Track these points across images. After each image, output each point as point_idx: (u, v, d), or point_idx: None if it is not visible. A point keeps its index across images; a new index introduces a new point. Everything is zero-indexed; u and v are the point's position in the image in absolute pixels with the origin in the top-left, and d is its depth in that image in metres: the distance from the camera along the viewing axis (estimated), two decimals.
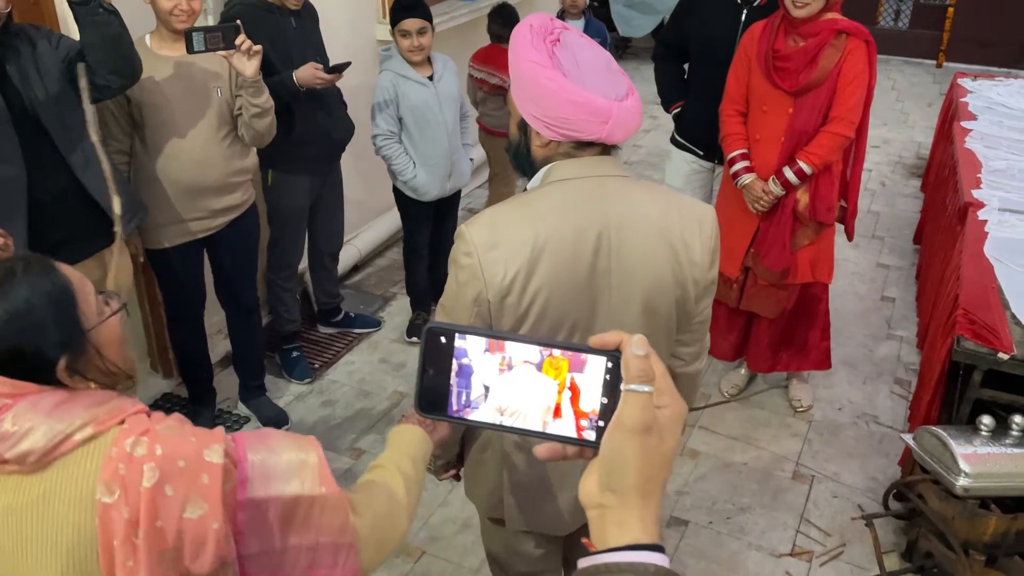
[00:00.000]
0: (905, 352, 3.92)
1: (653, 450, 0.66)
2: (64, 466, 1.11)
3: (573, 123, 1.44)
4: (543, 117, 1.46)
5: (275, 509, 1.18)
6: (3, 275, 1.14)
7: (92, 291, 1.23)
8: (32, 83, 2.32)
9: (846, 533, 2.89)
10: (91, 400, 1.15)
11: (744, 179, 3.12)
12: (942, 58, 8.67)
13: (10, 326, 1.12)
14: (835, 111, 2.99)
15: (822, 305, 3.39)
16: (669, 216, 1.53)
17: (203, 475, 1.11)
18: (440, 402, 0.72)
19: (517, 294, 1.47)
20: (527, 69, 1.45)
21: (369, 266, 4.65)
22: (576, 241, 1.47)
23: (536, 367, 0.70)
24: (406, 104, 3.45)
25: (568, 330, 1.53)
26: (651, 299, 1.53)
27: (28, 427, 1.09)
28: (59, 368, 1.14)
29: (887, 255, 4.83)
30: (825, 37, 2.92)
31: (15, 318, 1.12)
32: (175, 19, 2.67)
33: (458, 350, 0.71)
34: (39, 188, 2.35)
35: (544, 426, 0.70)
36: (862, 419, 3.47)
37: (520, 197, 1.54)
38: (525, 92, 1.48)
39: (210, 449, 1.14)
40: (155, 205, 2.82)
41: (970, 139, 4.26)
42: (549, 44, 1.46)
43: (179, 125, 2.78)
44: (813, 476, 3.15)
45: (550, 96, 1.43)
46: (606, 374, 0.69)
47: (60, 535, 1.09)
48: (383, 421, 3.44)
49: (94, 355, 1.18)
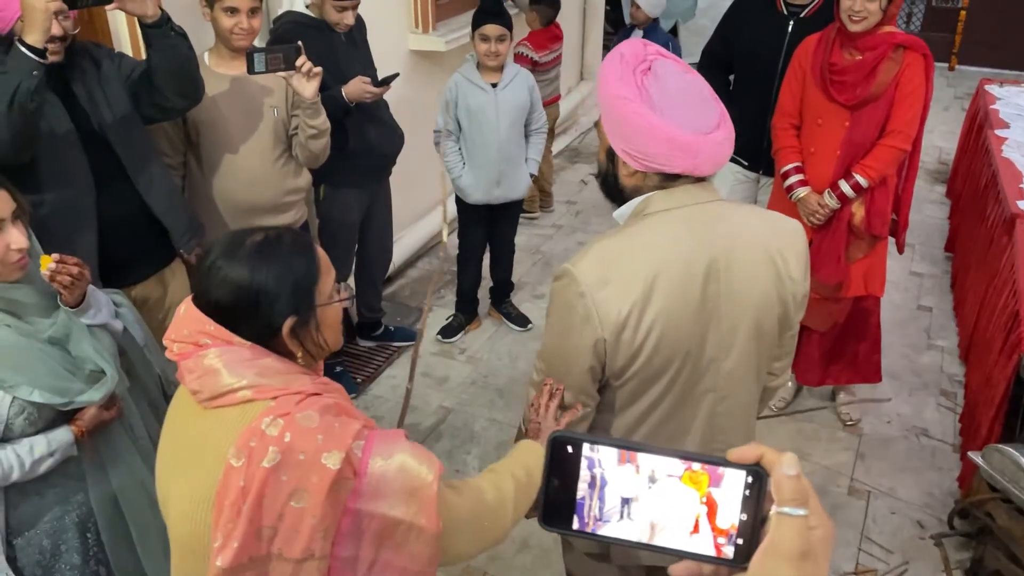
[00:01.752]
0: (947, 363, 3.91)
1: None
2: (221, 416, 1.23)
3: (659, 157, 1.44)
4: (630, 150, 1.45)
5: (377, 524, 1.23)
6: (273, 240, 1.30)
7: (333, 277, 1.37)
8: (99, 103, 2.28)
9: (908, 550, 2.87)
10: (270, 368, 1.26)
11: (799, 192, 3.10)
12: (955, 61, 8.69)
13: (263, 283, 1.25)
14: (892, 124, 2.97)
15: (873, 318, 3.37)
16: (767, 234, 1.53)
17: (314, 475, 1.17)
18: (566, 514, 0.68)
19: (632, 330, 1.45)
20: (615, 104, 1.44)
21: (402, 277, 4.62)
22: (686, 271, 1.45)
23: (678, 479, 0.66)
24: (463, 105, 3.54)
25: (681, 360, 1.51)
26: (759, 320, 1.53)
27: (210, 368, 1.23)
28: (285, 328, 1.27)
29: (919, 263, 4.83)
30: (884, 51, 2.90)
31: (269, 279, 1.26)
32: (235, 38, 2.64)
33: (588, 460, 0.67)
34: (107, 208, 2.32)
35: (684, 543, 0.67)
36: (911, 432, 3.45)
37: (622, 231, 1.52)
38: (613, 125, 1.48)
39: (330, 454, 1.18)
40: (209, 224, 2.78)
41: (1007, 148, 4.26)
42: (640, 76, 1.44)
43: (235, 144, 2.75)
44: (869, 492, 3.13)
45: (637, 131, 1.43)
46: (746, 489, 0.66)
47: (199, 470, 1.22)
48: (431, 437, 3.41)
49: (313, 328, 1.31)
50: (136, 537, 1.90)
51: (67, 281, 1.77)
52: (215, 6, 2.63)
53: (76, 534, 1.86)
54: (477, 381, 3.79)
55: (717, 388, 1.56)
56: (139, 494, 1.91)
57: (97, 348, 1.82)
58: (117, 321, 1.95)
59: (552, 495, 0.67)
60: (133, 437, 1.95)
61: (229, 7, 2.62)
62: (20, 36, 1.98)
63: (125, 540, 1.91)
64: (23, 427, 1.72)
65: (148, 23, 2.19)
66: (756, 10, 3.41)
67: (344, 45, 3.15)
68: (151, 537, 1.92)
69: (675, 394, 1.55)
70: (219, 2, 2.62)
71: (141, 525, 1.91)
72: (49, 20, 1.99)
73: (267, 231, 1.33)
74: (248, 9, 2.64)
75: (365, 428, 1.26)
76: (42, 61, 2.00)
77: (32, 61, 1.98)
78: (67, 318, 1.80)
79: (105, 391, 1.81)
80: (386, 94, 3.21)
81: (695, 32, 6.79)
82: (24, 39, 1.97)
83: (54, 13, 2.00)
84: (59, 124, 2.21)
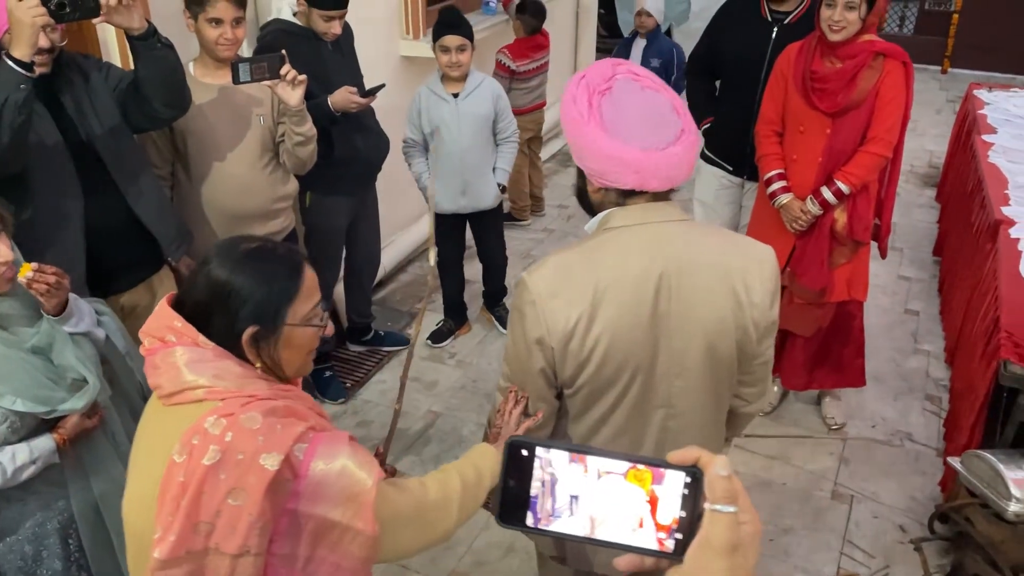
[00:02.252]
0: (933, 367, 3.93)
1: (739, 568, 0.68)
2: (176, 413, 1.27)
3: (608, 174, 1.50)
4: (586, 167, 1.53)
5: (314, 524, 1.28)
6: (265, 250, 1.34)
7: (316, 300, 1.39)
8: (87, 114, 2.31)
9: (890, 554, 2.90)
10: (228, 370, 1.28)
11: (782, 199, 3.13)
12: (947, 64, 8.72)
13: (237, 285, 1.29)
14: (873, 132, 3.00)
15: (856, 322, 3.40)
16: (729, 258, 1.55)
17: (252, 475, 1.20)
18: (521, 512, 0.74)
19: (579, 339, 1.50)
20: (569, 125, 1.52)
21: (393, 281, 4.65)
22: (637, 286, 1.49)
23: (622, 477, 0.72)
24: (426, 117, 3.59)
25: (631, 373, 1.55)
26: (713, 341, 1.54)
27: (172, 365, 1.27)
28: (245, 335, 1.29)
29: (907, 267, 4.85)
30: (863, 59, 2.93)
31: (244, 283, 1.30)
32: (220, 48, 2.67)
33: (542, 460, 0.73)
34: (95, 218, 2.34)
35: (628, 537, 0.72)
36: (896, 437, 3.48)
37: (581, 244, 1.57)
38: (572, 144, 1.55)
39: (269, 455, 1.21)
40: (198, 233, 2.81)
41: (993, 153, 4.28)
42: (597, 96, 1.49)
43: (222, 152, 2.77)
44: (852, 496, 3.16)
45: (588, 150, 1.50)
46: (684, 488, 0.71)
47: (151, 465, 1.26)
48: (420, 441, 3.43)
49: (274, 344, 1.33)
50: (117, 544, 1.92)
51: (43, 289, 1.79)
52: (199, 18, 2.65)
53: (58, 540, 1.89)
54: (466, 386, 3.81)
55: (670, 404, 1.59)
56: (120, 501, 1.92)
57: (79, 357, 1.84)
58: (99, 329, 1.98)
59: (509, 495, 0.73)
60: (115, 444, 1.97)
61: (213, 18, 2.64)
62: (7, 50, 2.00)
63: (106, 546, 1.94)
64: (5, 435, 1.74)
65: (135, 35, 2.20)
66: (741, 16, 3.44)
67: (331, 53, 3.18)
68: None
69: (627, 406, 1.58)
70: (203, 14, 2.64)
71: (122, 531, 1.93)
72: (36, 34, 2.01)
73: (265, 242, 1.37)
74: (232, 20, 2.66)
75: (311, 431, 1.29)
76: (29, 75, 2.02)
77: (19, 75, 2.00)
78: (50, 327, 1.83)
79: (87, 399, 1.84)
80: (377, 100, 3.24)
81: (689, 35, 6.79)
82: (11, 53, 2.00)
83: (41, 27, 2.02)
84: (47, 135, 2.23)
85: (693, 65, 3.72)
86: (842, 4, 2.84)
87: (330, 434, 1.32)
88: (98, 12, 2.08)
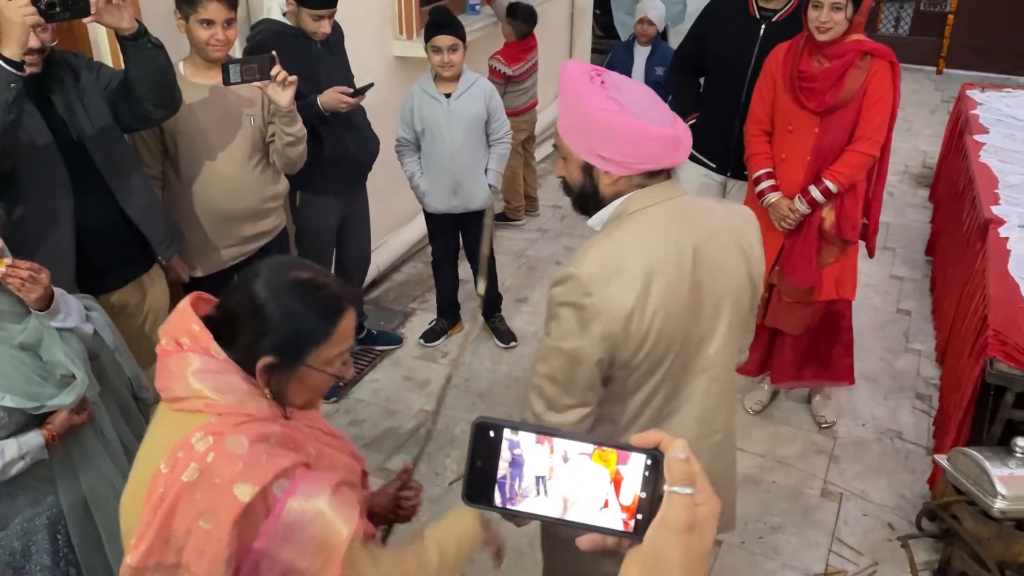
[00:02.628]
0: (924, 366, 3.95)
1: (695, 548, 0.70)
2: (176, 419, 1.25)
3: (650, 156, 1.55)
4: (616, 157, 1.55)
5: (279, 568, 1.23)
6: (313, 285, 1.31)
7: (348, 348, 1.36)
8: (77, 113, 2.32)
9: (878, 552, 2.91)
10: (231, 385, 1.26)
11: (770, 197, 3.15)
12: (942, 64, 8.74)
13: (269, 311, 1.26)
14: (860, 131, 3.02)
15: (845, 321, 3.42)
16: (732, 220, 1.68)
17: (224, 501, 1.18)
18: (488, 493, 0.74)
19: (638, 320, 1.55)
20: (599, 116, 1.52)
21: (387, 281, 4.66)
22: (677, 259, 1.56)
23: (588, 458, 0.73)
24: (419, 116, 3.59)
25: (679, 344, 1.61)
26: (736, 300, 1.66)
27: (179, 371, 1.25)
28: (261, 362, 1.26)
29: (899, 267, 4.87)
30: (851, 58, 2.95)
31: (277, 310, 1.27)
32: (211, 49, 2.69)
33: (509, 442, 0.74)
34: (86, 216, 2.36)
35: (594, 518, 0.73)
36: (886, 435, 3.49)
37: (612, 232, 1.60)
38: (594, 137, 1.55)
39: (244, 484, 1.19)
40: (188, 232, 2.83)
41: (984, 153, 4.30)
42: (608, 90, 1.53)
43: (213, 152, 2.79)
44: (842, 494, 3.17)
45: (625, 137, 1.53)
46: (645, 470, 0.73)
47: (146, 468, 1.24)
48: (411, 441, 3.44)
49: (287, 379, 1.30)
50: (105, 539, 1.94)
51: (17, 284, 1.81)
52: (191, 19, 2.67)
53: (47, 535, 1.90)
54: (459, 385, 3.82)
55: (709, 368, 1.66)
56: (109, 497, 1.94)
57: (68, 353, 1.86)
58: (87, 325, 1.99)
59: (475, 475, 0.74)
60: (103, 440, 1.99)
61: (205, 19, 2.65)
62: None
63: (95, 542, 1.95)
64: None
65: (125, 35, 2.22)
66: (729, 14, 3.45)
67: (320, 53, 3.19)
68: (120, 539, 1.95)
69: (674, 377, 1.65)
70: (195, 15, 2.65)
71: (110, 527, 1.95)
72: (27, 34, 2.02)
73: (318, 275, 1.32)
74: (223, 21, 2.68)
75: (300, 467, 1.24)
76: (19, 74, 2.03)
77: (9, 74, 2.02)
78: (38, 323, 1.84)
79: (76, 395, 1.85)
80: (369, 100, 3.25)
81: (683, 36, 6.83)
82: (1, 52, 2.01)
83: (32, 26, 2.03)
84: (38, 134, 2.25)
85: (679, 62, 3.73)
86: (828, 5, 2.86)
87: (316, 475, 1.27)
88: (88, 12, 2.09)
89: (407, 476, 1.74)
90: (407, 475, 1.73)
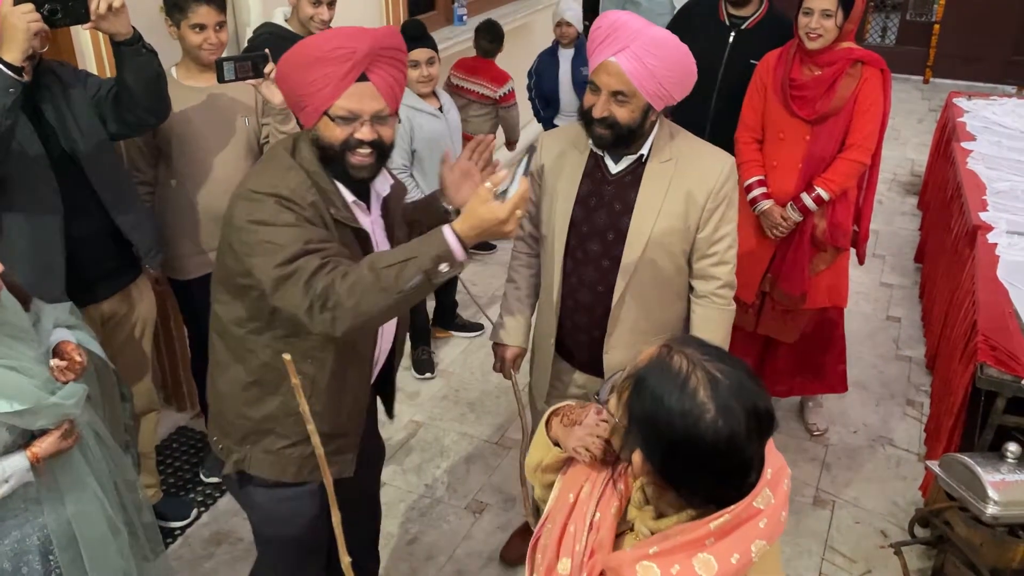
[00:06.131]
0: (915, 373, 3.95)
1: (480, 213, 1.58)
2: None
3: (688, 84, 2.05)
4: (677, 95, 2.03)
5: None
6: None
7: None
8: (67, 122, 2.30)
9: (871, 559, 2.90)
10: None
11: (762, 205, 3.15)
12: (929, 74, 8.80)
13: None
14: (852, 138, 3.02)
15: (838, 329, 3.42)
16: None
17: None
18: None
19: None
20: (685, 60, 1.99)
21: None
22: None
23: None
24: (420, 136, 3.42)
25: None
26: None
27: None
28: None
29: (889, 274, 4.88)
30: (842, 66, 2.95)
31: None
32: (204, 53, 2.70)
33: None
34: (76, 228, 2.33)
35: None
36: (878, 442, 3.49)
37: (685, 139, 2.19)
38: (671, 81, 1.97)
39: None
40: (182, 236, 2.83)
41: (971, 160, 4.31)
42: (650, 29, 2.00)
43: (208, 155, 2.79)
44: (834, 501, 3.16)
45: (682, 73, 2.00)
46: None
47: None
48: (401, 452, 3.42)
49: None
50: (88, 561, 1.88)
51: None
52: (182, 24, 2.67)
53: (38, 556, 1.85)
54: (448, 395, 3.80)
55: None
56: (94, 519, 1.90)
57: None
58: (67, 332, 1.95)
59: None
60: (90, 462, 1.94)
61: (197, 24, 2.66)
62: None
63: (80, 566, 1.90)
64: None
65: (120, 41, 2.21)
66: (700, 19, 3.47)
67: None
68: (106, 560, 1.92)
69: None
70: (186, 20, 2.66)
71: (94, 550, 1.90)
72: (29, 38, 2.02)
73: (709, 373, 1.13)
74: (215, 24, 2.68)
75: None
76: (20, 79, 2.03)
77: (9, 78, 2.02)
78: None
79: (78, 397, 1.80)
80: None
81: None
82: (2, 56, 2.01)
83: (35, 32, 2.02)
84: (29, 145, 2.22)
85: None
86: (819, 12, 2.87)
87: None
88: (88, 18, 2.10)
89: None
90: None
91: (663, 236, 2.11)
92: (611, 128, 2.00)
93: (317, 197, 1.72)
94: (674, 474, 1.15)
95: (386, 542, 2.97)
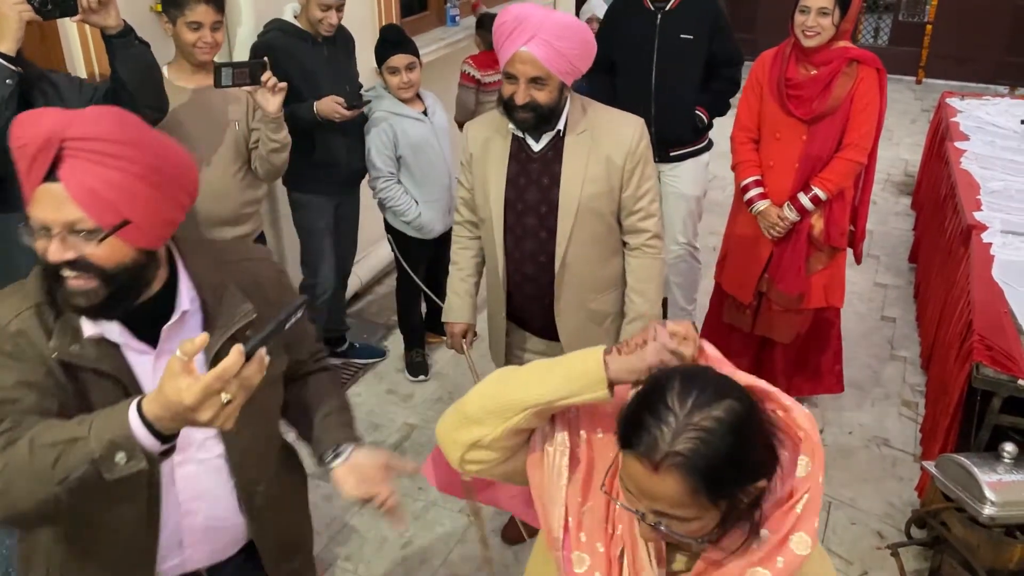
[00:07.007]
0: (910, 373, 3.94)
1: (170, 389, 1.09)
2: None
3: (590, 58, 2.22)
4: (583, 68, 2.20)
5: None
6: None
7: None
8: None
9: (867, 560, 2.89)
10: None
11: (759, 205, 3.14)
12: (921, 74, 8.82)
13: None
14: (848, 138, 3.02)
15: (834, 329, 3.41)
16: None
17: None
18: None
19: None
20: (588, 35, 2.17)
21: (369, 294, 4.61)
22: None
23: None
24: (405, 142, 3.35)
25: None
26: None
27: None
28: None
29: (883, 274, 4.88)
30: (838, 65, 2.95)
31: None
32: (199, 52, 2.67)
33: None
34: None
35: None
36: (873, 442, 3.48)
37: (597, 110, 2.34)
38: (583, 57, 2.16)
39: None
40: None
41: (965, 160, 4.32)
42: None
43: (197, 156, 2.73)
44: (830, 502, 3.15)
45: (592, 52, 2.21)
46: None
47: None
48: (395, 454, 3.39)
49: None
50: None
51: None
52: (178, 21, 2.65)
53: None
54: (443, 397, 3.78)
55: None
56: None
57: None
58: None
59: None
60: None
61: (193, 22, 2.64)
62: None
63: None
64: None
65: (111, 33, 2.23)
66: (628, 10, 3.56)
67: (327, 58, 3.20)
68: None
69: None
70: (182, 17, 2.64)
71: None
72: (22, 28, 2.05)
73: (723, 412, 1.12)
74: (211, 23, 2.66)
75: None
76: (16, 69, 2.05)
77: (6, 69, 2.03)
78: None
79: None
80: None
81: None
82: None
83: (26, 22, 2.06)
84: None
85: (593, 63, 3.76)
86: (816, 10, 2.86)
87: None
88: (76, 11, 2.14)
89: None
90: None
91: (591, 201, 2.27)
92: (534, 111, 2.15)
93: (31, 325, 1.28)
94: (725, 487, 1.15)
95: (380, 545, 2.94)
